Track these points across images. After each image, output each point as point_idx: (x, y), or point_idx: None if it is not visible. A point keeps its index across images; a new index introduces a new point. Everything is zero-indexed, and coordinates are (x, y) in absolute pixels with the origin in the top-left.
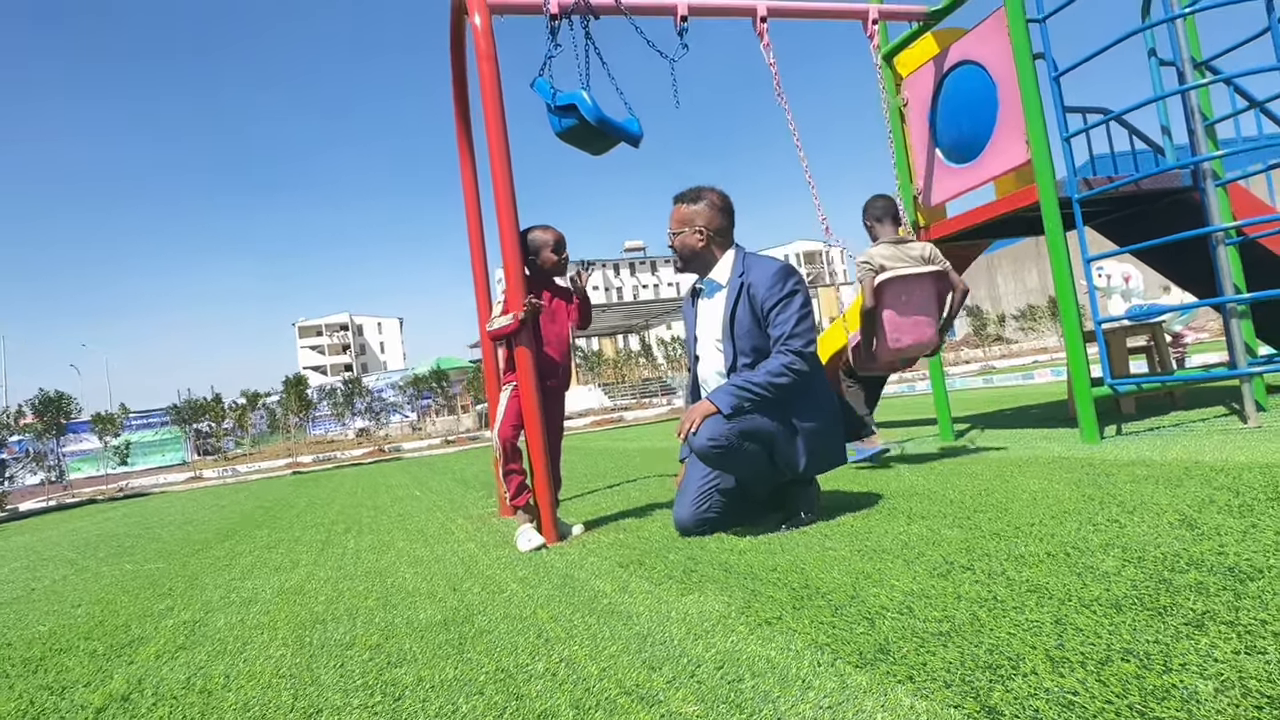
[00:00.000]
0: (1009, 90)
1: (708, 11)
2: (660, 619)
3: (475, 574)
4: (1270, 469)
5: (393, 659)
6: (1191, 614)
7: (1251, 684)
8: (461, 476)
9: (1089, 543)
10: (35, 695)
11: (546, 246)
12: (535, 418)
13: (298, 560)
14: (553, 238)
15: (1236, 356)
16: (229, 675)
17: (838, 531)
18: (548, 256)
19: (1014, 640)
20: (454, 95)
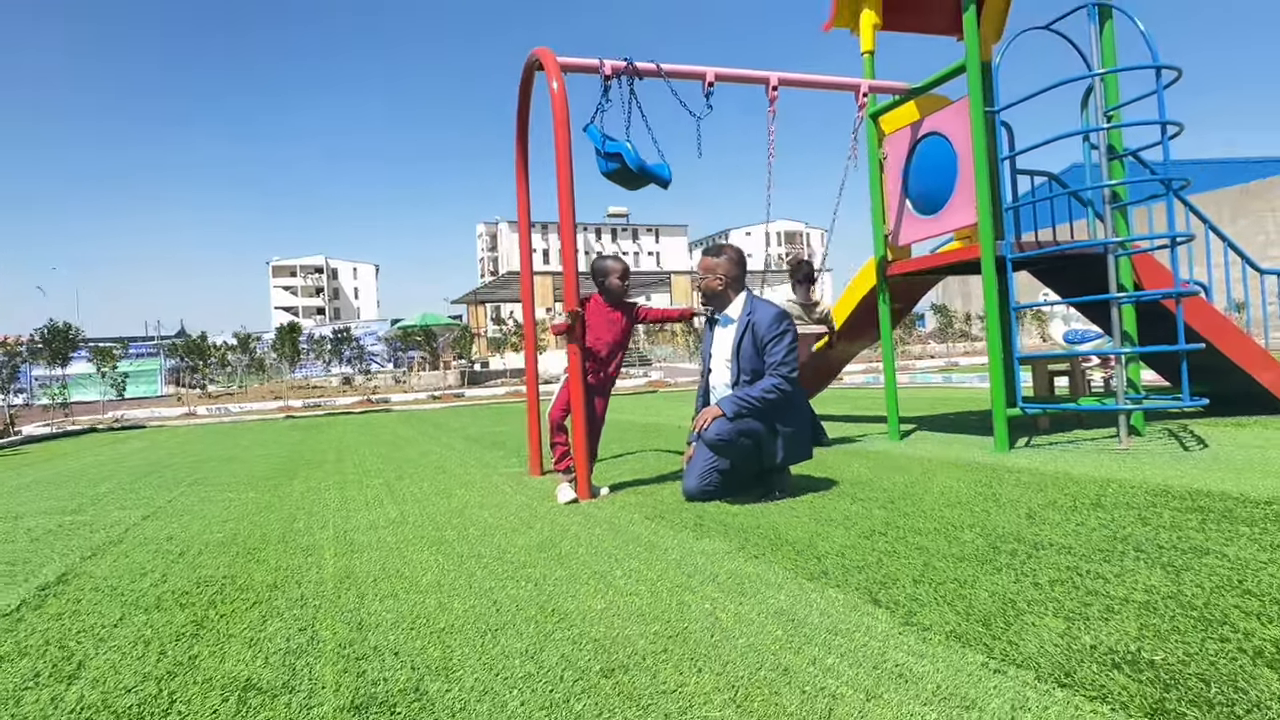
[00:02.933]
0: (967, 163)
1: (731, 79)
2: (686, 551)
3: (540, 517)
4: (1105, 482)
5: (520, 564)
6: (999, 564)
7: (1015, 597)
8: (469, 435)
9: (962, 523)
10: (277, 571)
11: (615, 274)
12: (580, 400)
13: (379, 499)
14: (620, 267)
15: (1119, 393)
16: (407, 568)
17: (801, 505)
18: (614, 282)
19: (898, 572)
20: (517, 129)
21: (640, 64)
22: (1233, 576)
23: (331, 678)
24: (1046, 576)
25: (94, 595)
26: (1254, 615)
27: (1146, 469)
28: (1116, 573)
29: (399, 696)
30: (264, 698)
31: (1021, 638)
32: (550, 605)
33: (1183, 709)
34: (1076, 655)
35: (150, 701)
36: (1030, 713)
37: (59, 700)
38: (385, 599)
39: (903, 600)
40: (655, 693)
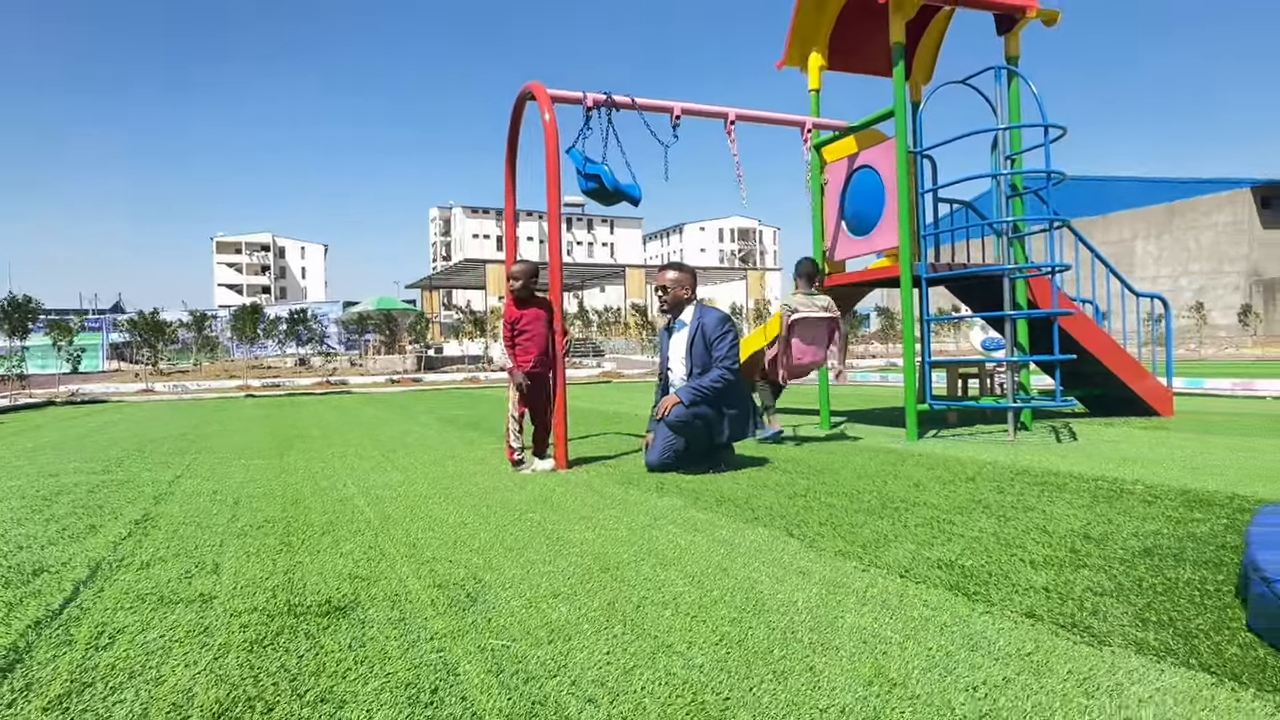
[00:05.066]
0: (893, 193)
1: (695, 113)
2: (651, 505)
3: (530, 481)
4: (982, 464)
5: (522, 511)
6: (883, 515)
7: (887, 534)
8: (440, 417)
9: (865, 490)
10: (326, 514)
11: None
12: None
13: (382, 467)
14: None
15: (1010, 395)
16: (433, 512)
17: (741, 476)
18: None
19: (810, 519)
20: (507, 151)
21: (618, 97)
22: (1041, 523)
23: (410, 571)
24: (914, 522)
25: (184, 528)
26: (1041, 544)
27: (1020, 455)
28: (963, 521)
29: (464, 582)
30: (366, 583)
31: (884, 555)
32: (555, 535)
33: (971, 587)
34: (916, 563)
35: (285, 585)
36: (877, 588)
37: (217, 584)
38: (424, 531)
39: (809, 535)
40: (638, 580)
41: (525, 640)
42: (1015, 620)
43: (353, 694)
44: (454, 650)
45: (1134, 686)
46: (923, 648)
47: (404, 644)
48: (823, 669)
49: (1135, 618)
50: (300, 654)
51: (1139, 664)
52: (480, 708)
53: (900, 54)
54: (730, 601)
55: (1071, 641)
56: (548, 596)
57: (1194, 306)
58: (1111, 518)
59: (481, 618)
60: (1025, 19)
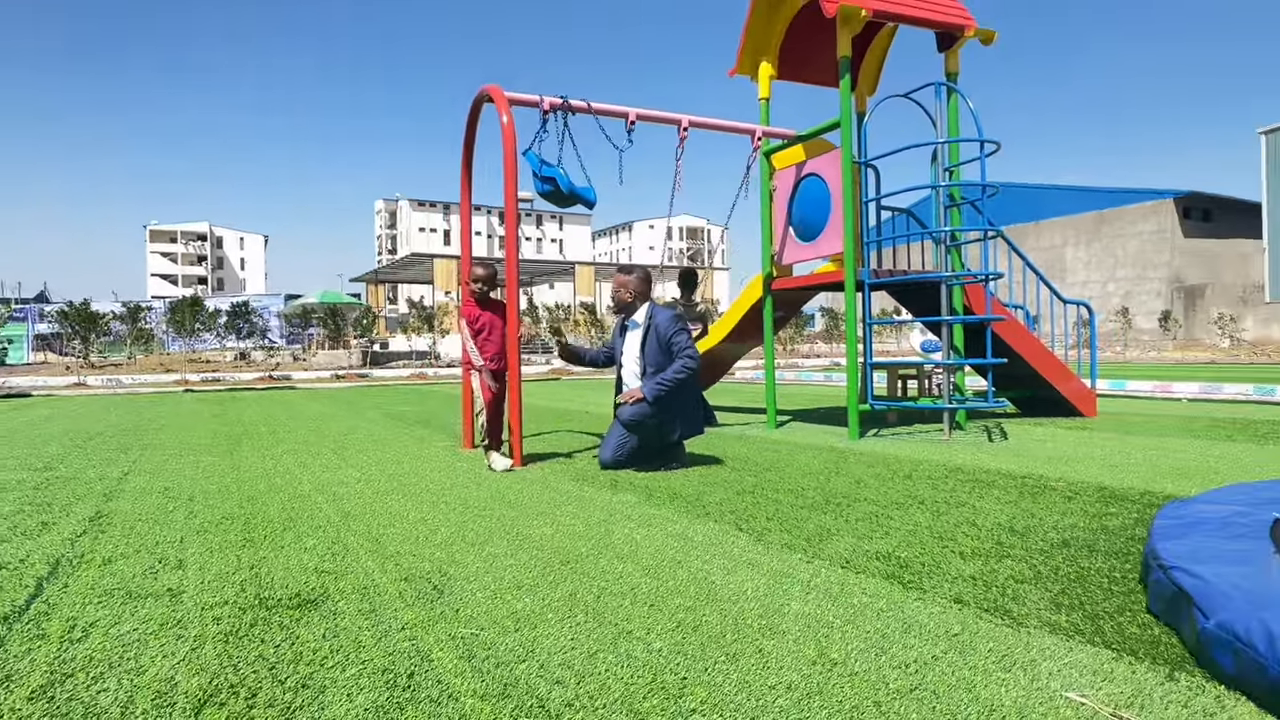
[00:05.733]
0: (838, 201)
1: (649, 119)
2: (606, 501)
3: (485, 479)
4: (918, 462)
5: (481, 508)
6: (827, 510)
7: (830, 528)
8: (389, 413)
9: (809, 486)
10: (285, 510)
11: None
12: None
13: (336, 464)
14: (478, 273)
15: (946, 396)
16: (392, 508)
17: (692, 473)
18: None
19: (758, 513)
20: (464, 152)
21: (574, 101)
22: (970, 517)
23: (375, 565)
24: (855, 517)
25: (141, 525)
26: (970, 537)
27: (954, 454)
28: (900, 515)
29: (430, 575)
30: (333, 577)
31: (827, 547)
32: (514, 530)
33: (906, 576)
34: (856, 554)
35: (252, 579)
36: (820, 578)
37: (184, 578)
38: (386, 527)
39: (757, 529)
40: (597, 572)
41: (493, 629)
42: (944, 605)
43: (332, 680)
44: (425, 639)
45: (1045, 662)
46: (861, 631)
47: (376, 634)
48: (770, 651)
49: (1050, 602)
50: (276, 644)
51: (1051, 643)
52: (455, 689)
53: (847, 67)
54: (685, 591)
55: (993, 624)
56: (512, 588)
57: (1120, 311)
58: (1034, 512)
59: (449, 608)
60: (964, 37)
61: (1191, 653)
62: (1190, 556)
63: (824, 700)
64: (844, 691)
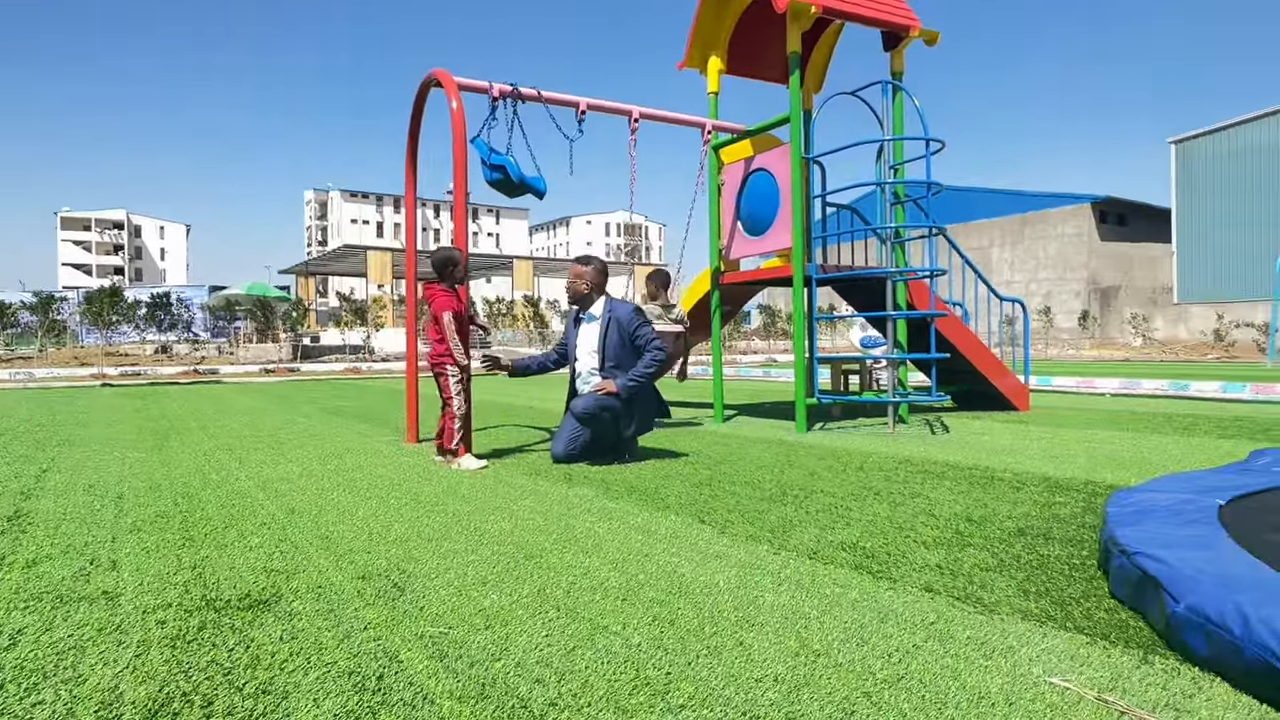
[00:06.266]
0: (787, 197)
1: (600, 109)
2: (563, 495)
3: (435, 474)
4: (868, 454)
5: (433, 504)
6: (785, 502)
7: (792, 519)
8: (325, 408)
9: (765, 479)
10: (225, 508)
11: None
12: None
13: (274, 460)
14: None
15: (890, 389)
16: (339, 505)
17: (647, 467)
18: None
19: (718, 506)
20: (409, 138)
21: (524, 89)
22: (927, 507)
23: (329, 563)
24: (814, 508)
25: (66, 525)
26: (929, 526)
27: (901, 446)
28: (859, 506)
29: (388, 572)
30: (284, 576)
31: (791, 538)
32: (472, 526)
33: (874, 566)
34: (822, 545)
35: (196, 580)
36: (790, 569)
37: (119, 580)
38: (336, 524)
39: (720, 521)
40: (563, 566)
41: (462, 627)
42: (916, 595)
43: (294, 684)
44: (391, 639)
45: (1023, 649)
46: (839, 621)
47: (338, 634)
48: (752, 643)
49: (1018, 589)
50: (230, 647)
51: (1025, 629)
52: (430, 691)
53: (797, 62)
54: (655, 585)
55: (966, 611)
56: (476, 584)
57: (1042, 310)
58: (987, 502)
59: (413, 606)
60: (909, 37)
61: (1161, 636)
62: (1151, 542)
63: (813, 692)
64: (832, 683)
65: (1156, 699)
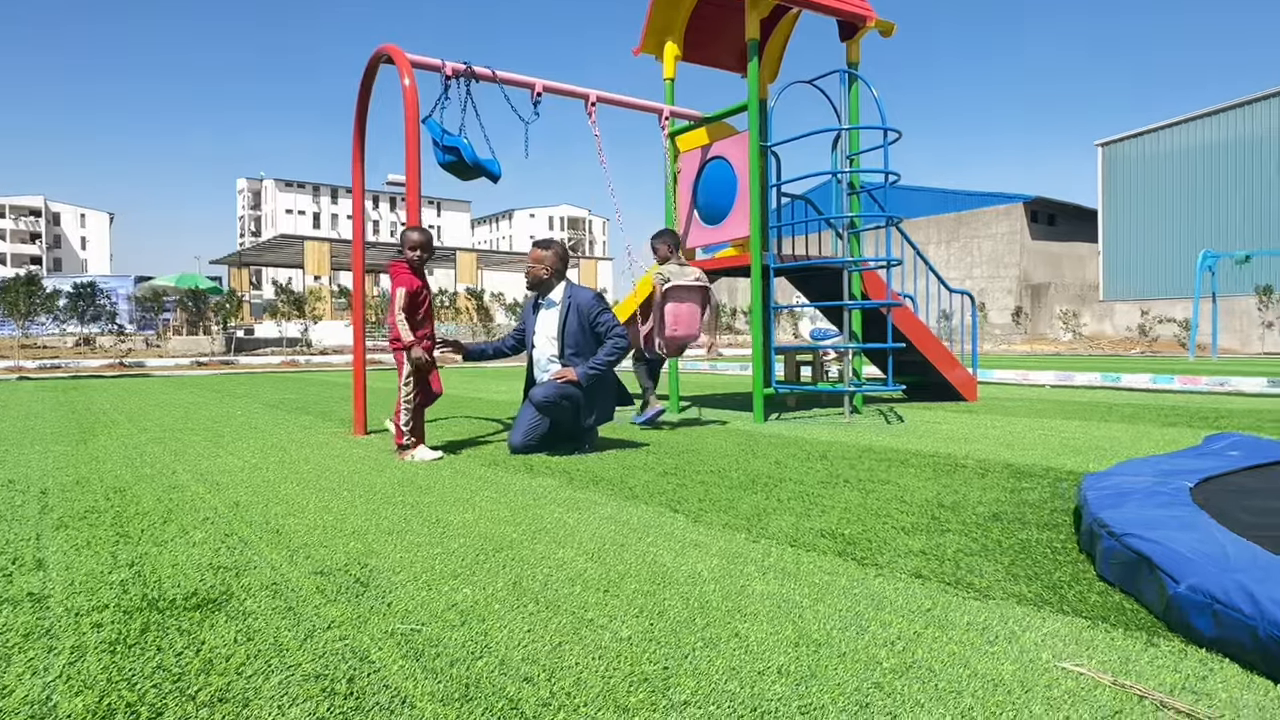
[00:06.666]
0: (745, 185)
1: (556, 91)
2: (525, 485)
3: (388, 466)
4: (830, 443)
5: (389, 496)
6: (755, 491)
7: (765, 507)
8: (265, 401)
9: (730, 468)
10: (162, 502)
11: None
12: None
13: (213, 452)
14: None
15: (845, 379)
16: (288, 499)
17: (608, 457)
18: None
19: (688, 495)
20: (356, 115)
21: (478, 68)
22: (898, 494)
23: (282, 558)
24: (786, 496)
25: None
26: (904, 513)
27: (860, 435)
28: (830, 494)
29: (348, 567)
30: (233, 573)
31: (768, 526)
32: (433, 517)
33: (857, 553)
34: (800, 532)
35: (134, 579)
36: (773, 557)
37: (46, 581)
38: (286, 518)
39: (692, 510)
40: (535, 558)
41: (436, 623)
42: (906, 581)
43: (255, 690)
44: (359, 638)
45: (1025, 634)
46: (833, 609)
47: (299, 634)
48: (748, 634)
49: (1005, 574)
50: (178, 651)
51: (1022, 613)
52: (408, 694)
53: (755, 49)
54: (636, 575)
55: (960, 597)
56: (446, 578)
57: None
58: (956, 488)
59: (379, 603)
60: (866, 28)
61: (1160, 618)
62: (1139, 523)
63: (822, 684)
64: (839, 674)
65: (1170, 682)
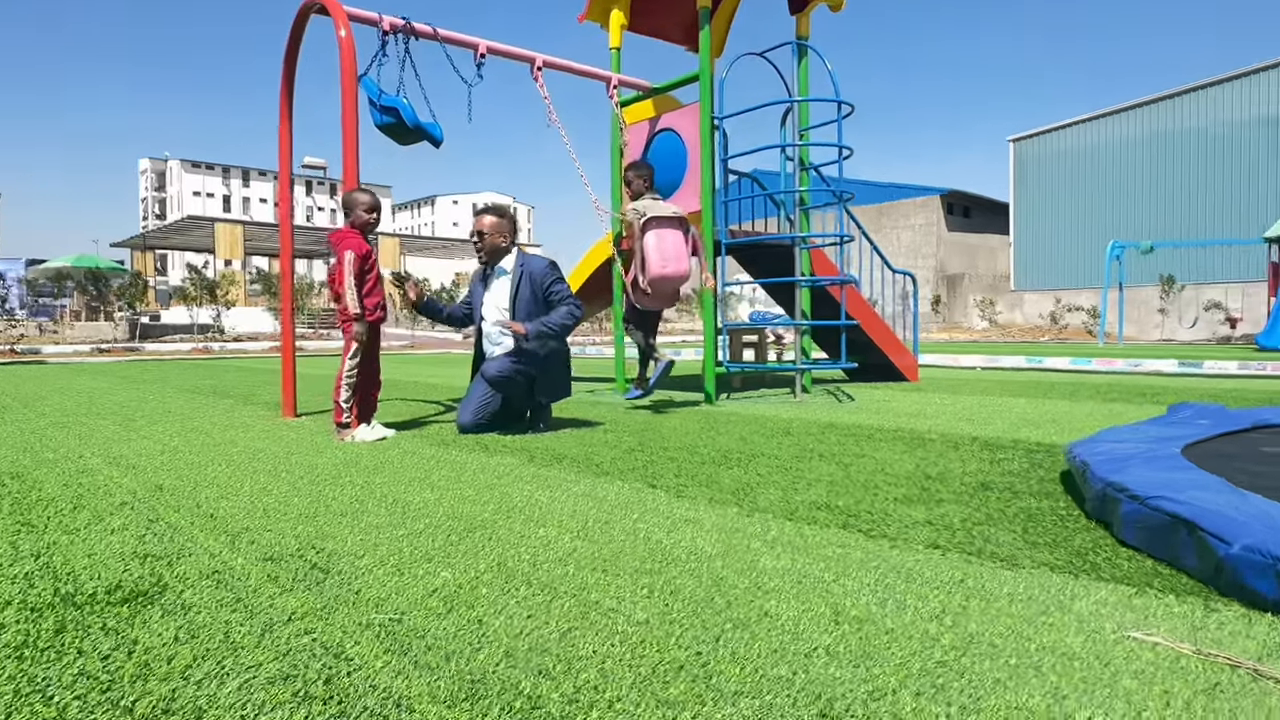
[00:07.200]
0: (695, 158)
1: (500, 53)
2: (484, 464)
3: (327, 447)
4: (791, 420)
5: (334, 477)
6: (730, 466)
7: (746, 482)
8: (179, 386)
9: (697, 444)
10: (69, 488)
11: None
12: None
13: (124, 436)
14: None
15: (796, 358)
16: (219, 482)
17: (564, 436)
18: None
19: (662, 471)
20: (284, 71)
21: (418, 25)
22: (879, 467)
23: (221, 545)
24: (764, 470)
25: None
26: (891, 484)
27: (817, 413)
28: (809, 468)
29: (301, 552)
30: (164, 562)
31: (757, 500)
32: (389, 498)
33: (861, 525)
34: (793, 506)
35: (44, 571)
36: (773, 531)
37: None
38: (219, 501)
39: (671, 485)
40: (514, 537)
41: (417, 611)
42: (925, 552)
43: (209, 697)
44: (328, 630)
45: (1075, 603)
46: (861, 584)
47: (255, 629)
48: (779, 612)
49: (1024, 542)
50: (104, 654)
51: (1061, 581)
52: (402, 694)
53: (708, 17)
54: (632, 553)
55: (989, 567)
56: (419, 561)
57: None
58: (934, 460)
59: (345, 590)
60: (815, 1)
61: (1207, 581)
62: (1163, 485)
63: (882, 665)
64: (897, 653)
65: (1251, 650)
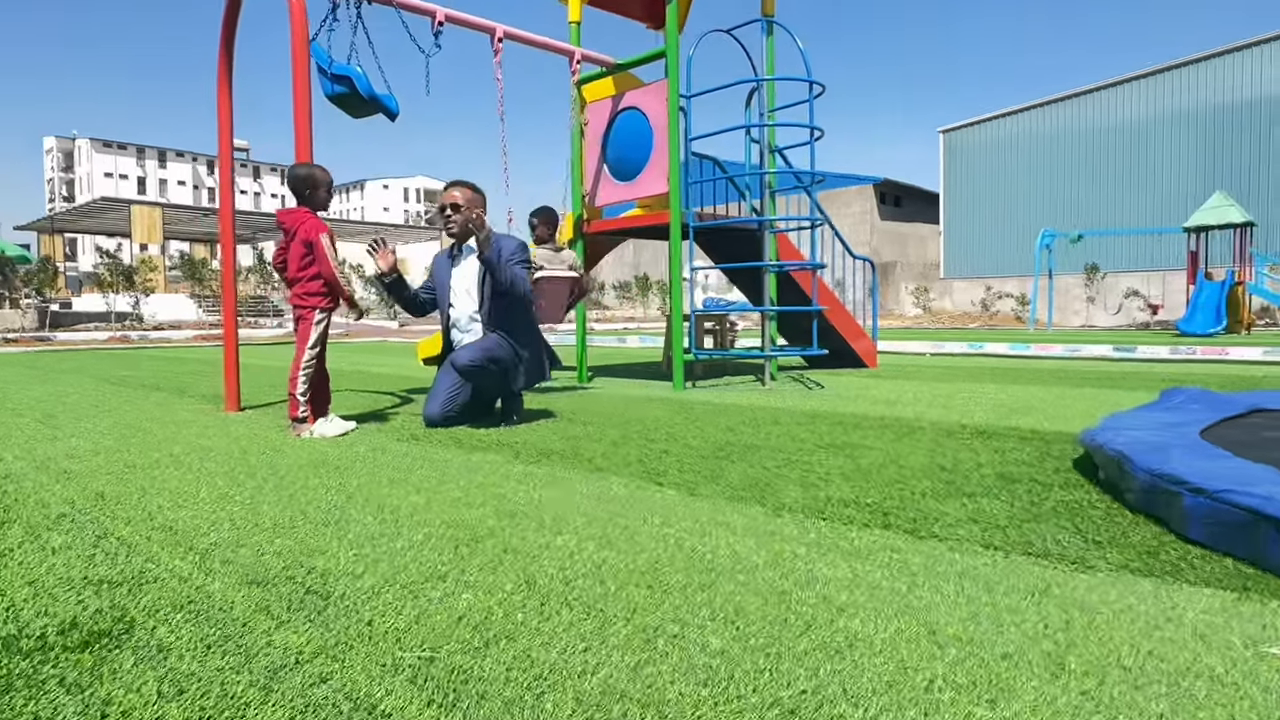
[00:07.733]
0: (662, 139)
1: (459, 22)
2: (465, 462)
3: (285, 444)
4: (769, 409)
5: (304, 481)
6: (733, 459)
7: (758, 477)
8: (99, 376)
9: (685, 435)
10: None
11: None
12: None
13: (49, 436)
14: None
15: (764, 344)
16: (170, 487)
17: (540, 428)
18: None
19: (662, 466)
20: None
21: None
22: (888, 459)
23: (191, 566)
24: (770, 464)
25: None
26: (910, 477)
27: (794, 401)
28: (817, 461)
29: (290, 573)
30: (126, 590)
31: (778, 498)
32: (373, 503)
33: (903, 524)
34: (819, 504)
35: None
36: (814, 533)
37: None
38: (175, 511)
39: (679, 482)
40: (530, 549)
41: (450, 647)
42: (986, 554)
43: None
44: (349, 676)
45: (1181, 612)
46: (941, 595)
47: (258, 677)
48: (868, 635)
49: (1084, 541)
50: (67, 717)
51: (1151, 587)
52: None
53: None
54: (671, 564)
55: (1064, 571)
56: (432, 580)
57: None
58: (940, 450)
59: (354, 621)
60: None
61: None
62: (1230, 478)
63: (1019, 700)
64: (1027, 683)
65: None
